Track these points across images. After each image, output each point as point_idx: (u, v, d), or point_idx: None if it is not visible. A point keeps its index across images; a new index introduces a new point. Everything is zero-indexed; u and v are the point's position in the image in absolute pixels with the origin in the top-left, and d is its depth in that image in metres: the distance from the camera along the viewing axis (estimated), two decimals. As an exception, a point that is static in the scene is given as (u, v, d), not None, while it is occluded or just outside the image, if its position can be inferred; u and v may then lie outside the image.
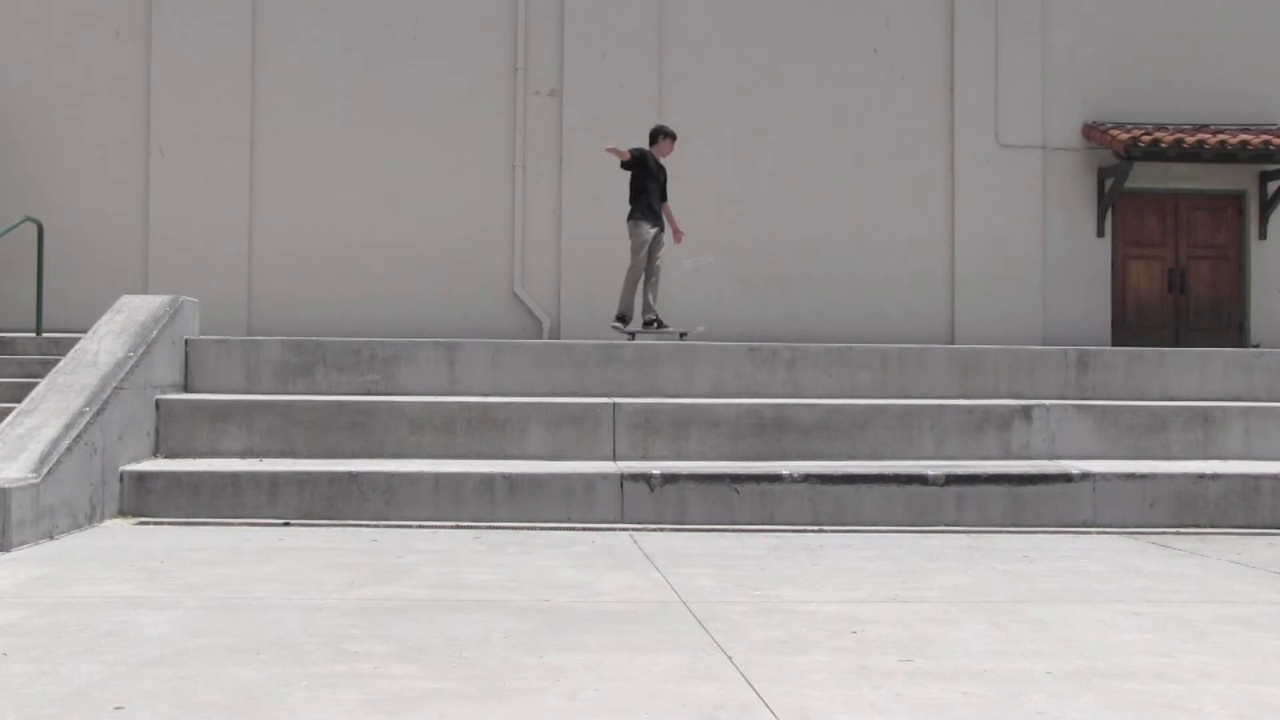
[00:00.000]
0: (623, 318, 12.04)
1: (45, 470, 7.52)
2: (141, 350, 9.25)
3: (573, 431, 9.62)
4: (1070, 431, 10.04)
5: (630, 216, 11.85)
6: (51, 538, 7.51)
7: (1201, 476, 9.02)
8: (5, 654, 4.62)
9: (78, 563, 6.67)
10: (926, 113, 15.29)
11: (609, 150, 11.82)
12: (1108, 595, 6.20)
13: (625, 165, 11.79)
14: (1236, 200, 15.56)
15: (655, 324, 12.03)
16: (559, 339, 14.06)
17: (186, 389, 10.19)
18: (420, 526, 8.33)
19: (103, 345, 9.25)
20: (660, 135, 12.02)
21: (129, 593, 5.85)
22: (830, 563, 7.11)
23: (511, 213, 14.80)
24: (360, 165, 14.75)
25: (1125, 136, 14.37)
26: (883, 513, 8.70)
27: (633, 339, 11.47)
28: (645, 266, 11.89)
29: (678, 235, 12.28)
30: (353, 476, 8.57)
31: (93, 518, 8.09)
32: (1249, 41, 15.48)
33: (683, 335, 12.02)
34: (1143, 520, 8.87)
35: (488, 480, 8.59)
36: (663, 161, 12.01)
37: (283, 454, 9.37)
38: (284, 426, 9.47)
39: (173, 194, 14.50)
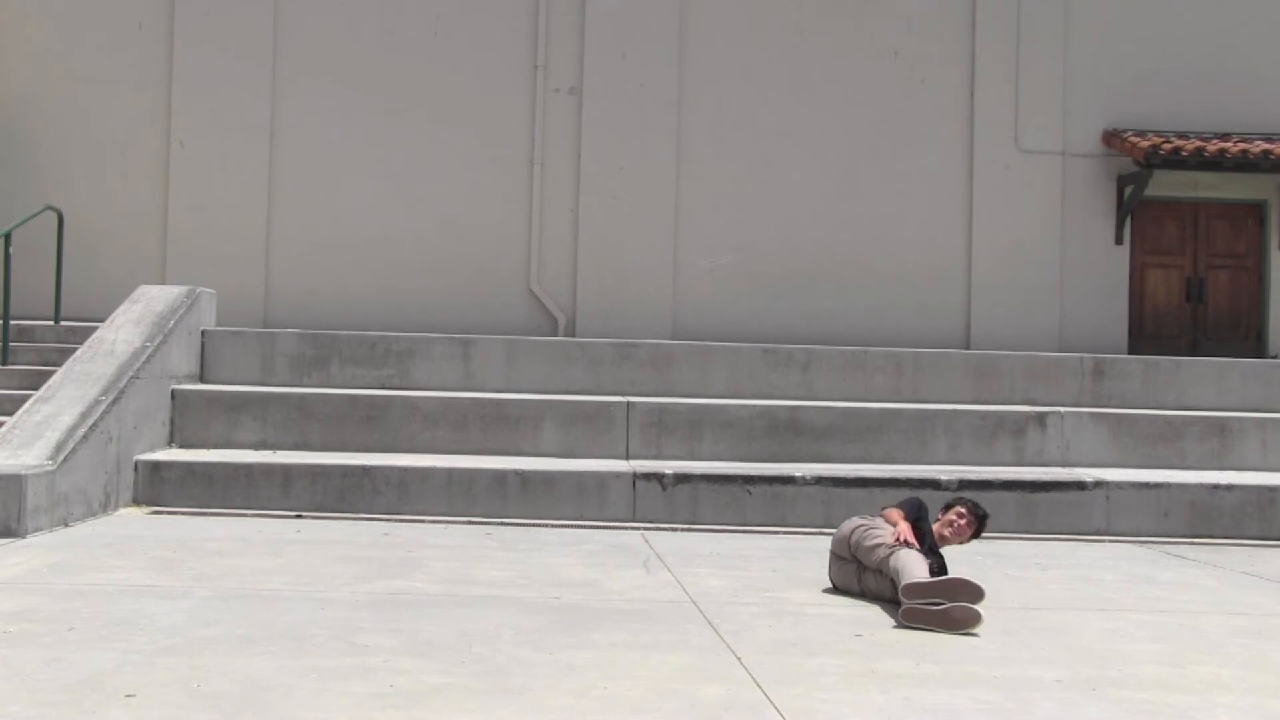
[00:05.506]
0: None
1: (61, 458, 7.56)
2: (158, 340, 9.29)
3: (586, 430, 9.63)
4: (1085, 439, 10.00)
5: None
6: (66, 525, 7.55)
7: (1216, 487, 8.97)
8: (19, 640, 4.64)
9: (91, 550, 6.70)
10: (946, 117, 15.23)
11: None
12: (1120, 604, 6.18)
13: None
14: (1257, 210, 15.45)
15: None
16: (574, 337, 14.06)
17: (202, 380, 10.23)
18: (432, 521, 8.35)
19: (120, 335, 9.29)
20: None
21: (142, 581, 5.88)
22: (841, 566, 7.10)
23: (529, 209, 14.80)
24: (379, 159, 14.78)
25: (1145, 144, 14.28)
26: (895, 517, 8.67)
27: None
28: None
29: None
30: (365, 470, 8.58)
31: (107, 506, 8.12)
32: (1272, 51, 15.38)
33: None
34: (1156, 530, 8.83)
35: (500, 477, 8.60)
36: None
37: (296, 446, 9.40)
38: (298, 419, 9.50)
39: (192, 185, 14.55)
